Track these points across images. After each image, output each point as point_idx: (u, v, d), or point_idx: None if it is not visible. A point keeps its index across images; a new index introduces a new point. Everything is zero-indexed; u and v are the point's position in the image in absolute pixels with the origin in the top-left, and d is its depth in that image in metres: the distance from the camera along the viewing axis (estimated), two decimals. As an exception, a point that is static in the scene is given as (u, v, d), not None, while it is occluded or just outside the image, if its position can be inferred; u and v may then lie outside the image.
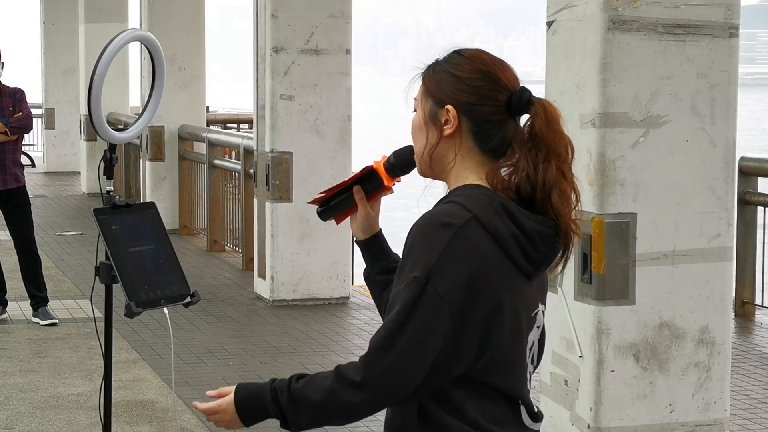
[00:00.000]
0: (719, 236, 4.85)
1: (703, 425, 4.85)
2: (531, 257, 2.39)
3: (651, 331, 4.77)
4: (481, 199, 2.38)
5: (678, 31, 4.73)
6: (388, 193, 2.67)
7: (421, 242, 2.35)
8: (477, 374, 2.37)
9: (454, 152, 2.45)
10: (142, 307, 3.43)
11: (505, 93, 2.45)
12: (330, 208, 2.68)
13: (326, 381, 2.34)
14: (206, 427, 6.03)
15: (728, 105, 4.81)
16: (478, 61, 2.47)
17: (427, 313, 2.31)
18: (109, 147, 3.59)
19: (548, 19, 5.01)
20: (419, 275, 2.31)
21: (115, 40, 3.45)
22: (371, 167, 2.63)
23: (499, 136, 2.44)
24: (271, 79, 9.13)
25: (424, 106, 2.48)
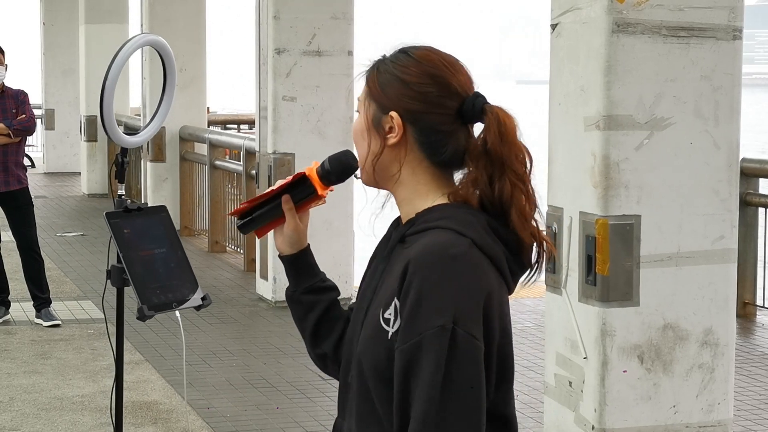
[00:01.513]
0: (723, 238, 4.87)
1: (707, 426, 4.87)
2: (515, 273, 2.26)
3: (655, 333, 4.79)
4: (469, 219, 2.20)
5: (682, 34, 4.75)
6: (320, 203, 2.41)
7: (434, 282, 2.11)
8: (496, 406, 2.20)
9: (399, 163, 2.24)
10: (154, 311, 3.45)
11: (456, 99, 2.23)
12: (252, 220, 2.40)
13: None
14: (211, 428, 6.04)
15: (732, 107, 4.83)
16: (426, 63, 2.24)
17: (467, 361, 2.09)
18: (121, 151, 3.60)
19: (552, 21, 5.02)
20: (445, 323, 2.08)
21: (127, 45, 3.47)
22: (303, 173, 2.37)
23: (450, 147, 2.23)
24: (274, 81, 9.15)
25: (367, 110, 2.26)
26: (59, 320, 8.36)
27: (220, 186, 12.04)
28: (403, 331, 2.11)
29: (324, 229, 9.22)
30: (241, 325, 8.58)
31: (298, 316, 2.46)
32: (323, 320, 2.43)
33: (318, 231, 9.21)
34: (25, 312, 8.60)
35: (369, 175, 2.28)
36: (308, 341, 2.45)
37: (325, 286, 2.47)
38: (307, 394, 6.71)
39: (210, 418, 6.21)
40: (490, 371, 2.15)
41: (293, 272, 2.46)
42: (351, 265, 9.39)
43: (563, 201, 4.88)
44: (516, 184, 2.21)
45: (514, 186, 2.21)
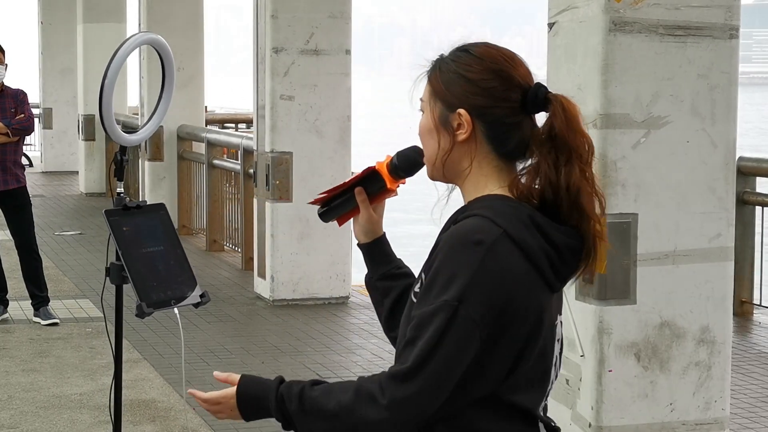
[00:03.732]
0: (720, 236, 4.88)
1: (703, 424, 4.88)
2: (559, 271, 2.28)
3: (652, 331, 4.80)
4: (508, 211, 2.26)
5: (678, 33, 4.76)
6: (391, 195, 2.53)
7: (451, 261, 2.21)
8: (502, 393, 2.26)
9: (470, 158, 2.32)
10: (153, 308, 3.46)
11: (519, 91, 2.29)
12: (331, 209, 2.56)
13: (345, 394, 2.23)
14: (209, 426, 6.06)
15: (728, 106, 4.84)
16: (488, 59, 2.32)
17: (458, 339, 2.18)
18: (120, 149, 3.61)
19: (549, 20, 5.04)
20: (450, 299, 2.18)
21: (126, 44, 3.48)
22: (373, 168, 2.51)
23: (516, 138, 2.30)
24: (271, 80, 9.16)
25: (433, 110, 2.34)
26: (57, 319, 8.37)
27: (218, 185, 12.05)
28: (418, 301, 2.24)
29: (322, 228, 9.23)
30: (239, 323, 8.60)
31: (375, 301, 2.59)
32: (397, 305, 2.52)
33: (315, 230, 9.23)
34: (24, 311, 8.61)
35: (438, 170, 2.37)
36: (384, 325, 2.57)
37: (399, 272, 2.57)
38: (305, 393, 6.71)
39: (208, 416, 6.22)
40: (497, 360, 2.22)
41: (369, 259, 2.58)
42: (349, 263, 9.40)
43: (560, 199, 4.89)
44: (584, 170, 2.27)
45: (582, 172, 2.26)
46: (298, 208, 9.19)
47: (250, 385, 2.39)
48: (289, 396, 2.30)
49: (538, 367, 2.29)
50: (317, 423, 2.27)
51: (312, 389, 2.30)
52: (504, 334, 2.22)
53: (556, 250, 2.26)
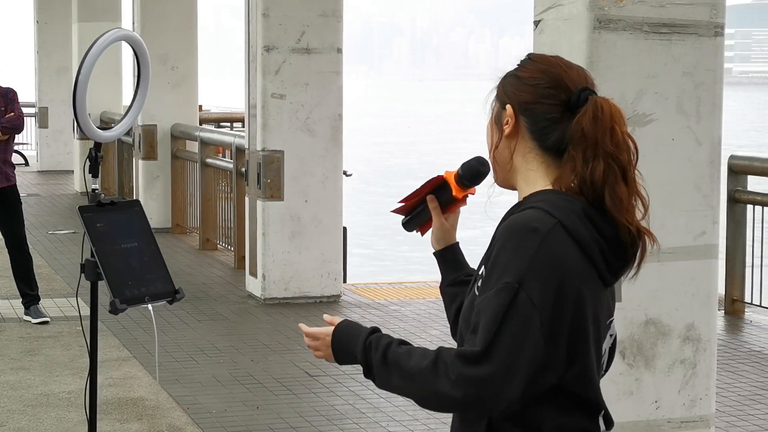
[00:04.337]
0: (705, 234, 4.87)
1: (689, 421, 4.88)
2: (611, 264, 2.36)
3: (637, 329, 4.80)
4: (563, 204, 2.34)
5: (663, 30, 4.76)
6: (462, 205, 2.65)
7: (509, 248, 2.30)
8: (566, 385, 2.32)
9: (510, 151, 2.43)
10: (127, 304, 3.46)
11: (566, 92, 2.40)
12: (412, 219, 2.67)
13: (424, 360, 2.29)
14: (196, 424, 6.05)
15: (714, 103, 4.84)
16: (543, 62, 2.45)
17: (521, 320, 2.25)
18: (95, 146, 3.61)
19: (535, 18, 5.04)
20: (511, 281, 2.26)
21: (100, 40, 3.48)
22: (442, 177, 2.62)
23: (556, 133, 2.39)
24: (263, 78, 9.16)
25: (493, 110, 2.48)
26: (48, 317, 8.37)
27: (211, 184, 12.05)
28: (481, 290, 2.33)
29: (313, 227, 9.24)
30: (229, 322, 8.59)
31: (445, 306, 2.67)
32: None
33: (307, 228, 9.24)
34: (14, 309, 8.61)
35: (496, 172, 2.49)
36: (451, 329, 2.64)
37: (468, 279, 2.61)
38: (294, 391, 6.72)
39: (195, 414, 6.22)
40: (557, 347, 2.28)
41: (441, 266, 2.68)
42: (339, 262, 9.40)
43: (545, 197, 4.89)
44: (611, 165, 2.34)
45: (608, 167, 2.33)
46: (290, 206, 9.19)
47: (346, 329, 2.47)
48: (377, 346, 2.37)
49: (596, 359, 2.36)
50: (394, 379, 2.34)
51: (399, 347, 2.37)
52: (561, 321, 2.28)
53: (608, 243, 2.35)
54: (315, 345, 2.51)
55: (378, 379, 2.38)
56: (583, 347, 2.32)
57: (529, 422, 2.33)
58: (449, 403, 2.29)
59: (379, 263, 18.17)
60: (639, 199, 2.39)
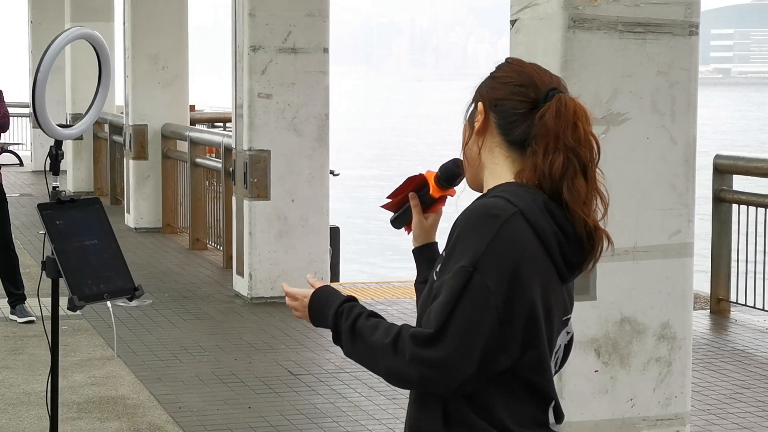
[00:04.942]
0: (680, 232, 4.89)
1: (664, 419, 4.90)
2: (568, 260, 2.40)
3: (612, 327, 4.81)
4: (525, 195, 2.39)
5: (638, 30, 4.78)
6: (442, 205, 2.71)
7: (467, 232, 2.35)
8: (521, 370, 2.36)
9: (478, 146, 2.48)
10: (85, 301, 3.48)
11: (536, 91, 2.45)
12: (399, 216, 2.74)
13: (387, 337, 2.35)
14: (176, 423, 6.07)
15: (688, 102, 4.86)
16: (518, 64, 2.52)
17: (474, 304, 2.30)
18: (55, 143, 3.63)
19: (511, 18, 5.05)
20: (466, 265, 2.31)
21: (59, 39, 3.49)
22: (424, 176, 2.69)
23: (522, 128, 2.44)
24: (249, 78, 9.17)
25: (467, 113, 2.54)
26: (33, 317, 8.38)
27: (200, 183, 12.06)
28: (440, 271, 2.38)
29: (300, 226, 9.25)
30: (215, 321, 8.61)
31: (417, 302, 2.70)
32: None
33: (294, 228, 9.25)
34: (0, 308, 8.62)
35: (466, 170, 2.55)
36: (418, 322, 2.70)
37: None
38: (276, 390, 6.73)
39: (176, 412, 6.23)
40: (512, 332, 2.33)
41: (417, 263, 2.73)
42: (326, 261, 9.42)
43: (522, 196, 4.91)
44: (570, 159, 2.38)
45: (567, 160, 2.38)
46: (276, 206, 9.21)
47: (324, 294, 2.54)
48: (348, 315, 2.44)
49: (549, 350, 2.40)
50: (358, 350, 2.42)
51: (367, 319, 2.43)
52: (516, 306, 2.33)
53: (567, 238, 2.39)
54: (294, 305, 2.60)
55: (344, 347, 2.45)
56: (537, 334, 2.36)
57: (483, 405, 2.37)
58: (405, 380, 2.36)
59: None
60: (599, 198, 2.42)
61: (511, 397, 2.37)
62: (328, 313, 2.49)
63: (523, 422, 2.39)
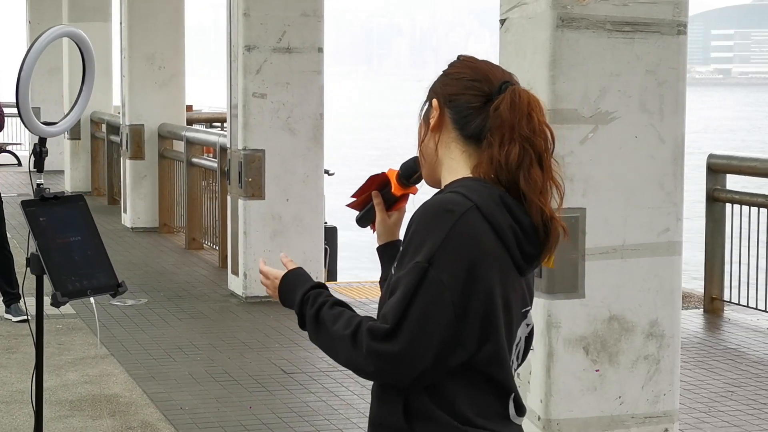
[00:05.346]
0: (668, 231, 4.91)
1: (652, 417, 4.92)
2: (525, 252, 2.42)
3: (601, 325, 4.83)
4: (480, 190, 2.41)
5: (626, 29, 4.80)
6: (404, 203, 2.74)
7: (423, 228, 2.37)
8: (478, 364, 2.39)
9: (435, 142, 2.51)
10: (68, 297, 3.50)
11: (489, 85, 2.49)
12: (364, 215, 2.77)
13: (347, 329, 2.39)
14: (168, 421, 6.09)
15: (677, 101, 4.88)
16: (470, 60, 2.55)
17: (429, 299, 2.33)
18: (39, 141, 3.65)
19: (501, 17, 5.08)
20: (421, 260, 2.34)
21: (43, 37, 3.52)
22: (386, 175, 2.72)
23: (477, 121, 2.47)
24: (244, 77, 9.19)
25: (422, 111, 2.57)
26: (28, 315, 8.38)
27: (196, 183, 12.07)
28: (397, 266, 2.42)
29: (294, 226, 9.27)
30: (210, 320, 8.62)
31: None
32: None
33: (288, 227, 9.27)
34: (-5, 307, 8.65)
35: (423, 168, 2.57)
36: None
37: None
38: (268, 388, 6.75)
39: (168, 410, 6.25)
40: (469, 326, 2.36)
41: (382, 261, 2.76)
42: (321, 261, 9.44)
43: (511, 194, 4.92)
44: (526, 149, 2.41)
45: (523, 150, 2.40)
46: (271, 205, 9.23)
47: (294, 278, 2.59)
48: (313, 303, 2.49)
49: (507, 344, 2.43)
50: (320, 338, 2.47)
51: (331, 308, 2.47)
52: (472, 300, 2.36)
53: (524, 231, 2.41)
54: (267, 283, 2.65)
55: (309, 333, 2.50)
56: (494, 328, 2.38)
57: (445, 398, 2.40)
58: (363, 372, 2.40)
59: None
60: (555, 187, 2.45)
61: (472, 389, 2.40)
62: (294, 298, 2.53)
63: (485, 414, 2.42)
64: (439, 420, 2.39)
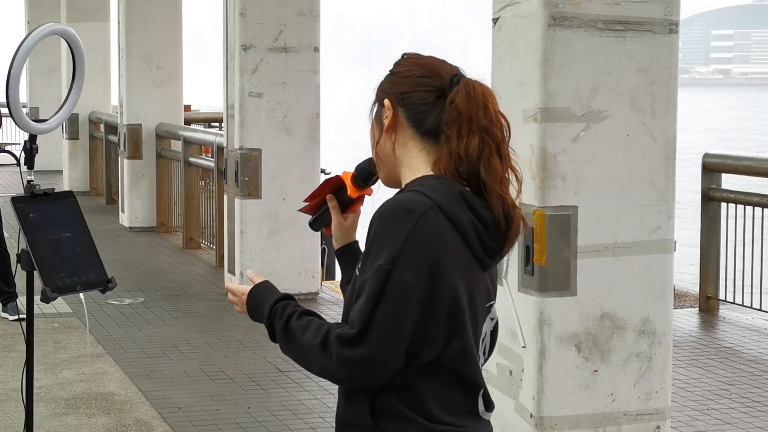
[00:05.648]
0: (660, 229, 4.93)
1: (644, 414, 4.93)
2: (488, 247, 2.43)
3: (592, 322, 4.85)
4: (441, 187, 2.41)
5: (618, 28, 4.82)
6: (360, 205, 2.73)
7: (384, 229, 2.37)
8: (446, 361, 2.40)
9: (391, 143, 2.50)
10: (58, 293, 3.52)
11: (439, 79, 2.49)
12: (318, 218, 2.76)
13: (316, 338, 2.39)
14: (163, 419, 6.11)
15: (668, 100, 4.90)
16: (416, 57, 2.56)
17: (394, 301, 2.34)
18: (30, 138, 3.68)
19: (494, 16, 5.09)
20: (384, 263, 2.34)
21: (33, 34, 3.54)
22: (341, 177, 2.70)
23: (433, 116, 2.47)
24: (240, 77, 9.22)
25: (371, 113, 2.56)
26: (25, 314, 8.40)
27: (194, 182, 12.09)
28: (361, 268, 2.42)
29: (291, 225, 9.29)
30: (206, 319, 8.65)
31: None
32: None
33: (285, 226, 9.29)
34: (-8, 306, 8.66)
35: (380, 170, 2.56)
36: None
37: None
38: (263, 386, 6.77)
39: (163, 408, 6.27)
40: (436, 324, 2.37)
41: (341, 264, 2.75)
42: (317, 260, 9.46)
43: (504, 192, 4.94)
44: (485, 139, 2.42)
45: (482, 141, 2.41)
46: (267, 204, 9.25)
47: (260, 291, 2.58)
48: (281, 314, 2.49)
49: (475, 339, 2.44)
50: (291, 349, 2.47)
51: (299, 318, 2.47)
52: (437, 298, 2.37)
53: (485, 226, 2.42)
54: (235, 300, 2.64)
55: (280, 345, 2.50)
56: (460, 324, 2.40)
57: (412, 396, 2.40)
58: (336, 379, 2.41)
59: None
60: (514, 175, 2.47)
61: (440, 386, 2.41)
62: (263, 311, 2.53)
63: (453, 411, 2.43)
64: (407, 418, 2.40)
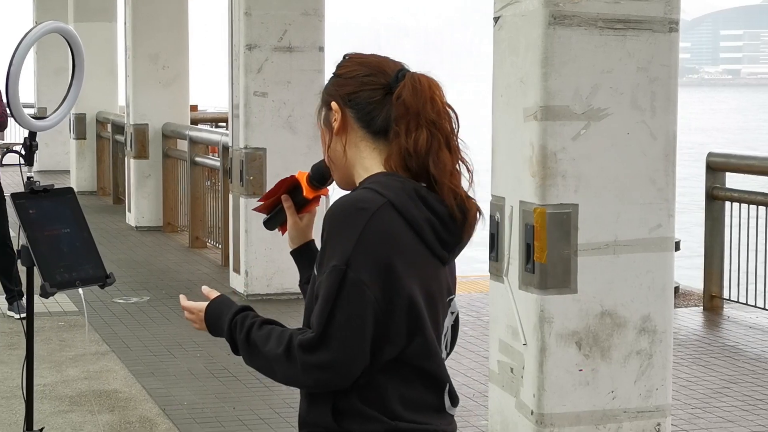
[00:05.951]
0: (660, 227, 4.94)
1: (644, 411, 4.95)
2: (444, 242, 2.41)
3: (593, 320, 4.87)
4: (393, 184, 2.39)
5: (618, 26, 4.83)
6: (316, 205, 2.71)
7: (337, 229, 2.35)
8: (409, 358, 2.38)
9: (342, 145, 2.47)
10: (57, 288, 3.55)
11: (385, 76, 2.48)
12: (273, 218, 2.75)
13: (279, 347, 2.37)
14: (166, 416, 6.14)
15: (668, 99, 4.91)
16: (359, 57, 2.53)
17: (351, 301, 2.33)
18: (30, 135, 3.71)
19: (495, 14, 5.11)
20: (338, 263, 2.32)
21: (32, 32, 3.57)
22: (296, 178, 2.69)
23: (382, 115, 2.45)
24: (245, 76, 9.25)
25: (320, 117, 2.54)
26: (31, 312, 8.44)
27: (200, 182, 12.13)
28: (318, 269, 2.40)
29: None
30: (211, 317, 8.65)
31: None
32: None
33: (287, 226, 9.31)
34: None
35: (334, 173, 2.53)
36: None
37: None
38: (266, 384, 6.79)
39: (167, 406, 6.31)
40: (395, 322, 2.36)
41: (298, 264, 2.74)
42: (317, 259, 9.46)
43: (505, 191, 4.97)
44: (433, 133, 2.41)
45: (431, 134, 2.40)
46: (272, 203, 9.26)
47: (217, 306, 2.55)
48: (242, 327, 2.46)
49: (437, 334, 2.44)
50: (255, 360, 2.46)
51: (260, 328, 2.44)
52: (394, 296, 2.36)
53: (441, 221, 2.40)
54: (192, 318, 2.62)
55: (243, 358, 2.48)
56: (420, 321, 2.39)
57: (374, 395, 2.39)
58: (304, 386, 2.40)
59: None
60: (465, 167, 2.45)
61: (403, 384, 2.40)
62: (223, 326, 2.51)
63: (417, 408, 2.42)
64: (369, 417, 2.38)
